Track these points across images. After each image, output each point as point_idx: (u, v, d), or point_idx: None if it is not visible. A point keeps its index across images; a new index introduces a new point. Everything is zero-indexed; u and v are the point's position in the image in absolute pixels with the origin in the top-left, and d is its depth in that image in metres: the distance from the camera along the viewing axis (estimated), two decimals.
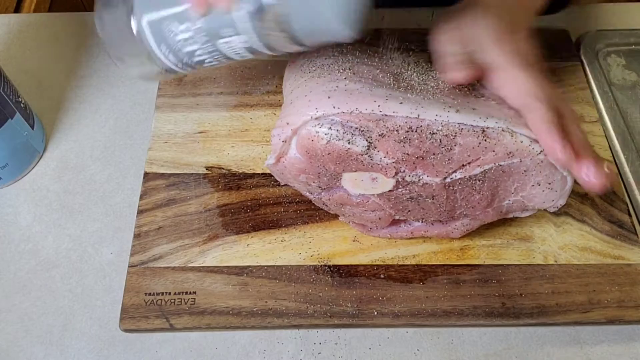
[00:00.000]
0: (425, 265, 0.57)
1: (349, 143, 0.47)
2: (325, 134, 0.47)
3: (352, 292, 0.55)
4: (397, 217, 0.55)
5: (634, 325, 0.57)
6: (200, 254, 0.57)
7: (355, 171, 0.50)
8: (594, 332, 0.57)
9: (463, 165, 0.49)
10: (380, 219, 0.54)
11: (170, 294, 0.54)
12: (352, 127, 0.47)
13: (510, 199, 0.52)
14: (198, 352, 0.55)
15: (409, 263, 0.57)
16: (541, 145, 0.47)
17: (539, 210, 0.55)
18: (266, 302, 0.54)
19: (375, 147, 0.48)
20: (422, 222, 0.55)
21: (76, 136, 0.67)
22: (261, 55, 0.47)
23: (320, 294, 0.55)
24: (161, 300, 0.54)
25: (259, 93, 0.68)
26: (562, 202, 0.52)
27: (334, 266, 0.56)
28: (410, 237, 0.58)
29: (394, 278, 0.56)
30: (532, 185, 0.50)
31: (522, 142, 0.47)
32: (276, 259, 0.57)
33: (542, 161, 0.48)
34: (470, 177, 0.49)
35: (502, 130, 0.47)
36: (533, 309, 0.55)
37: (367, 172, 0.50)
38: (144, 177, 0.61)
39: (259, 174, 0.62)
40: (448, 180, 0.50)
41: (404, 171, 0.49)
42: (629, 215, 0.60)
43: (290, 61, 0.56)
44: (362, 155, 0.48)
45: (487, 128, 0.47)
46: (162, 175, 0.61)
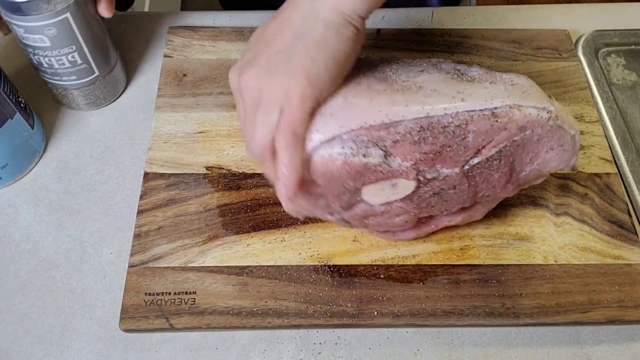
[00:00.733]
0: (425, 265, 0.57)
1: (364, 157, 0.47)
2: (339, 154, 0.47)
3: (352, 292, 0.55)
4: (422, 215, 0.55)
5: (634, 325, 0.57)
6: (200, 254, 0.57)
7: (375, 182, 0.49)
8: (594, 332, 0.57)
9: (479, 150, 0.48)
10: (406, 221, 0.54)
11: (170, 294, 0.54)
12: (364, 140, 0.47)
13: (527, 170, 0.52)
14: (198, 352, 0.55)
15: (409, 263, 0.57)
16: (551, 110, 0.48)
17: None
18: (266, 302, 0.54)
19: (392, 154, 0.47)
20: (446, 213, 0.55)
21: (76, 136, 0.67)
22: None
23: (320, 294, 0.55)
24: (161, 300, 0.54)
25: None
26: (574, 159, 0.52)
27: (334, 266, 0.56)
28: (436, 231, 0.58)
29: (394, 278, 0.56)
30: (546, 151, 0.50)
31: (530, 113, 0.47)
32: (276, 259, 0.57)
33: (552, 126, 0.48)
34: (487, 159, 0.49)
35: (510, 107, 0.47)
36: (533, 309, 0.55)
37: (388, 180, 0.50)
38: (144, 177, 0.61)
39: (259, 174, 0.62)
40: (467, 167, 0.49)
41: (423, 170, 0.49)
42: (629, 215, 0.60)
43: None
44: (380, 165, 0.48)
45: (496, 109, 0.47)
46: (162, 175, 0.61)
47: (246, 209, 0.60)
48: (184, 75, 0.68)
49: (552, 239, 0.59)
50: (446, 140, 0.47)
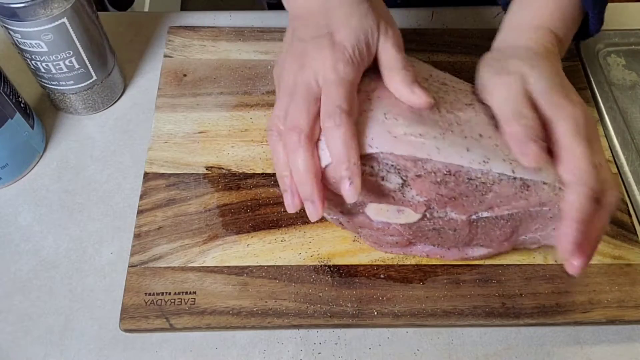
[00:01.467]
0: (425, 265, 0.57)
1: (382, 180, 0.47)
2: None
3: (352, 292, 0.55)
4: (414, 241, 0.55)
5: (634, 325, 0.57)
6: (200, 254, 0.57)
7: (382, 203, 0.50)
8: (594, 332, 0.56)
9: (492, 207, 0.49)
10: (397, 242, 0.54)
11: (170, 294, 0.54)
12: (388, 164, 0.47)
13: (528, 236, 0.52)
14: (198, 352, 0.55)
15: (409, 263, 0.57)
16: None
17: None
18: (266, 302, 0.54)
19: (409, 186, 0.47)
20: (438, 247, 0.55)
21: (76, 136, 0.67)
22: None
23: (320, 294, 0.55)
24: (161, 300, 0.54)
25: (259, 93, 0.68)
26: None
27: (334, 266, 0.56)
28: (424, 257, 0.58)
29: (394, 278, 0.56)
30: (553, 228, 0.50)
31: (556, 194, 0.47)
32: (276, 259, 0.57)
33: None
34: (496, 216, 0.49)
35: (543, 184, 0.47)
36: (533, 309, 0.55)
37: (396, 205, 0.50)
38: (144, 177, 0.61)
39: (259, 174, 0.62)
40: (474, 217, 0.50)
41: (433, 208, 0.49)
42: (629, 215, 0.60)
43: None
44: (395, 192, 0.48)
45: (529, 180, 0.47)
46: (162, 175, 0.61)
47: (246, 209, 0.60)
48: (184, 75, 0.68)
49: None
50: (466, 191, 0.47)
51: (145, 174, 0.61)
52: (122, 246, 0.60)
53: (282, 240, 0.58)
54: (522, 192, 0.47)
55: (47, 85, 0.64)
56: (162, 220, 0.58)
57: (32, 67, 0.62)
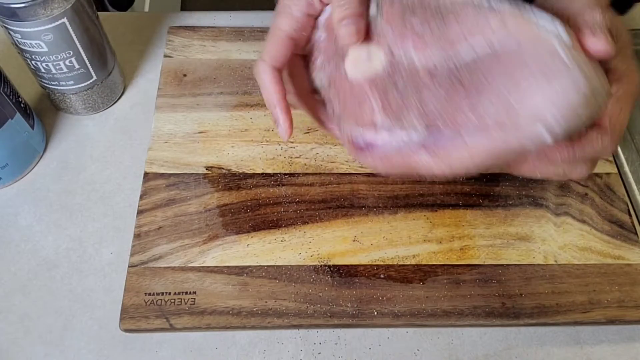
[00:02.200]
0: (425, 265, 0.57)
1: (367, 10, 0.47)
2: None
3: (352, 292, 0.55)
4: (385, 111, 0.48)
5: (634, 325, 0.57)
6: (200, 254, 0.57)
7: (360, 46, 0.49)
8: (594, 332, 0.57)
9: (454, 44, 0.43)
10: (373, 111, 0.48)
11: (170, 294, 0.54)
12: None
13: (493, 100, 0.41)
14: (198, 352, 0.55)
15: (409, 263, 0.57)
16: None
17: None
18: (266, 302, 0.54)
19: (381, 13, 0.46)
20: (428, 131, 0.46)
21: (76, 136, 0.67)
22: None
23: (320, 294, 0.55)
24: (161, 300, 0.54)
25: (259, 93, 0.67)
26: (556, 113, 0.37)
27: (334, 266, 0.56)
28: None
29: (394, 278, 0.56)
30: (527, 78, 0.39)
31: (531, 28, 0.38)
32: (276, 259, 0.57)
33: (552, 52, 0.37)
34: (458, 66, 0.43)
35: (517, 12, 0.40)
36: (533, 309, 0.55)
37: (366, 49, 0.48)
38: (144, 177, 0.61)
39: (259, 174, 0.62)
40: (433, 64, 0.44)
41: (396, 45, 0.46)
42: (629, 215, 0.60)
43: None
44: (372, 25, 0.47)
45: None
46: (162, 175, 0.61)
47: (246, 209, 0.60)
48: (184, 75, 0.68)
49: (552, 239, 0.59)
50: (432, 24, 0.44)
51: (145, 174, 0.61)
52: (122, 246, 0.60)
53: (282, 240, 0.58)
54: (488, 14, 0.41)
55: (47, 85, 0.64)
56: (162, 220, 0.58)
57: (32, 67, 0.62)
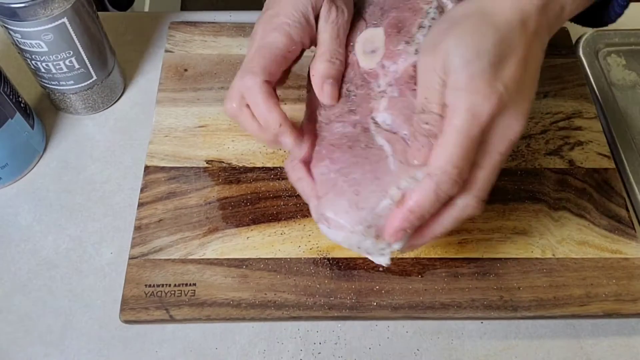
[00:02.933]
0: (423, 258, 0.57)
1: None
2: None
3: (351, 285, 0.55)
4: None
5: (633, 324, 0.57)
6: (200, 246, 0.57)
7: None
8: (594, 332, 0.57)
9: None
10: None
11: (170, 285, 0.55)
12: None
13: None
14: (198, 352, 0.55)
15: (407, 256, 0.57)
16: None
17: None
18: (265, 294, 0.55)
19: None
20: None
21: (76, 136, 0.68)
22: None
23: (319, 287, 0.55)
24: (161, 291, 0.54)
25: None
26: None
27: (333, 259, 0.57)
28: None
29: (392, 271, 0.56)
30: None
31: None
32: (276, 252, 0.57)
33: None
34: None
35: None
36: (531, 302, 0.55)
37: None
38: (144, 171, 0.61)
39: (259, 167, 0.62)
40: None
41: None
42: (627, 209, 0.61)
43: None
44: None
45: None
46: (163, 168, 0.61)
47: (246, 202, 0.60)
48: (185, 70, 0.69)
49: (550, 233, 0.59)
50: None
51: (146, 168, 0.61)
52: (122, 246, 0.60)
53: (281, 233, 0.58)
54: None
55: (47, 85, 0.65)
56: (162, 213, 0.59)
57: (32, 67, 0.62)
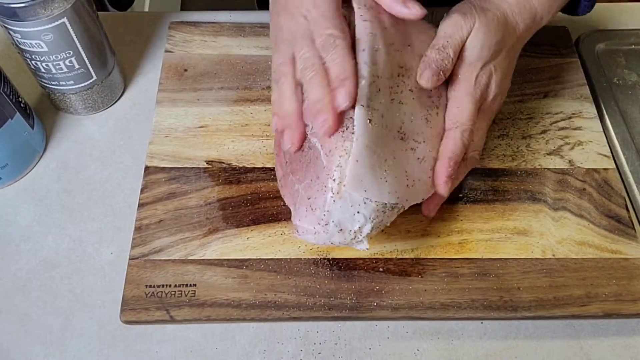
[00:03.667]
0: (423, 258, 0.57)
1: None
2: None
3: (351, 285, 0.55)
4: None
5: (632, 321, 0.57)
6: (200, 246, 0.57)
7: None
8: (594, 332, 0.57)
9: None
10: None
11: (170, 286, 0.55)
12: None
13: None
14: (198, 352, 0.55)
15: (407, 257, 0.57)
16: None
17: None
18: (266, 294, 0.55)
19: None
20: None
21: (76, 136, 0.67)
22: None
23: (320, 287, 0.55)
24: (162, 292, 0.54)
25: (259, 88, 0.68)
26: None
27: (333, 259, 0.57)
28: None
29: (392, 271, 0.56)
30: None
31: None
32: (276, 252, 0.57)
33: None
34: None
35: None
36: (531, 302, 0.55)
37: None
38: (144, 171, 0.61)
39: (259, 168, 0.62)
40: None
41: None
42: (627, 210, 0.61)
43: None
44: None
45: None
46: (163, 169, 0.61)
47: (246, 202, 0.60)
48: (185, 70, 0.69)
49: (550, 233, 0.59)
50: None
51: (146, 168, 0.61)
52: (122, 246, 0.60)
53: (281, 234, 0.58)
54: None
55: (47, 85, 0.65)
56: (162, 214, 0.59)
57: (32, 67, 0.62)
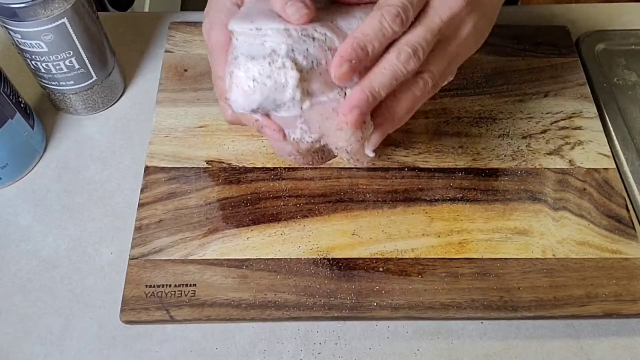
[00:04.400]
0: (423, 258, 0.57)
1: None
2: None
3: (351, 285, 0.55)
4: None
5: (632, 321, 0.57)
6: (200, 246, 0.57)
7: None
8: (594, 332, 0.57)
9: None
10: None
11: (170, 286, 0.55)
12: None
13: None
14: (198, 352, 0.55)
15: (407, 256, 0.57)
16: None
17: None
18: (266, 294, 0.55)
19: None
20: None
21: (76, 136, 0.67)
22: None
23: (319, 287, 0.55)
24: (162, 292, 0.54)
25: None
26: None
27: (333, 259, 0.57)
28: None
29: (392, 271, 0.56)
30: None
31: None
32: (276, 252, 0.57)
33: None
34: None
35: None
36: (531, 302, 0.55)
37: None
38: (144, 171, 0.61)
39: (259, 168, 0.62)
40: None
41: None
42: (627, 210, 0.60)
43: None
44: None
45: None
46: (163, 169, 0.61)
47: (246, 202, 0.60)
48: (185, 70, 0.69)
49: (551, 233, 0.59)
50: None
51: (146, 168, 0.61)
52: (122, 246, 0.60)
53: (281, 234, 0.58)
54: None
55: (47, 86, 0.65)
56: (162, 214, 0.59)
57: (32, 67, 0.62)
